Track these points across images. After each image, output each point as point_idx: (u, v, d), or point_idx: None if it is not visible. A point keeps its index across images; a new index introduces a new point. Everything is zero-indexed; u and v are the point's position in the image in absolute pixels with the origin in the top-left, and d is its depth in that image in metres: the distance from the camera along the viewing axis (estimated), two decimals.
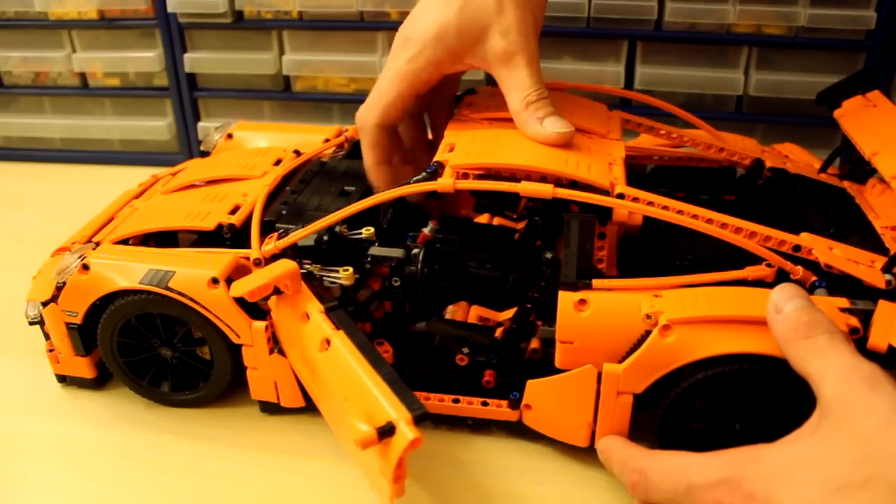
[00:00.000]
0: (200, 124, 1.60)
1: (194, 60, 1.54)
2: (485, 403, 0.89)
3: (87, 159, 1.68)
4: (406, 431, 0.68)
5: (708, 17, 1.35)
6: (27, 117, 1.67)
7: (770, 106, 1.40)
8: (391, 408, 0.70)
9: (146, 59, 1.55)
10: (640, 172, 1.09)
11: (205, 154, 1.23)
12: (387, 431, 0.69)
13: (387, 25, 1.47)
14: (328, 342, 0.79)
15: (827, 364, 0.66)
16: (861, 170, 0.98)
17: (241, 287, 0.83)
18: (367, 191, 0.98)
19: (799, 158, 1.08)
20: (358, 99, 1.50)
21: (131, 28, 1.55)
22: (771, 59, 1.37)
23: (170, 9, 1.48)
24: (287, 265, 0.84)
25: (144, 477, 0.88)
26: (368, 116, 0.97)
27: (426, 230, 0.91)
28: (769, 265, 0.80)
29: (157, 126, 1.61)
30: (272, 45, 1.52)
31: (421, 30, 0.91)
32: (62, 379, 1.00)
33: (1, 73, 1.64)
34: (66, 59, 1.57)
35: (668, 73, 1.39)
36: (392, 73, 0.93)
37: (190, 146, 1.62)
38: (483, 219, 1.03)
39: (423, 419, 0.70)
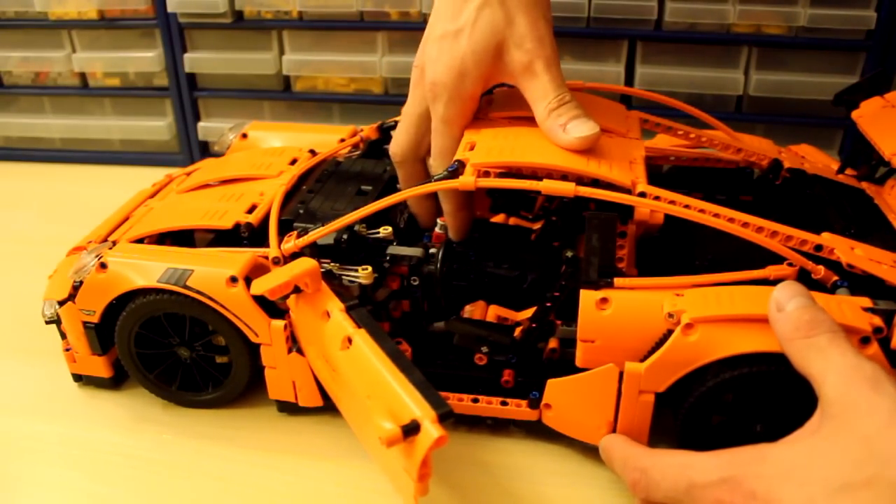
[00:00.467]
0: (200, 124, 1.60)
1: (194, 60, 1.53)
2: (504, 403, 0.89)
3: (87, 159, 1.68)
4: (431, 429, 0.68)
5: (708, 17, 1.36)
6: (27, 117, 1.67)
7: (770, 106, 1.41)
8: (416, 406, 0.70)
9: (146, 59, 1.55)
10: (657, 172, 1.09)
11: (217, 154, 1.23)
12: (412, 429, 0.69)
13: (387, 25, 1.47)
14: (350, 341, 0.79)
15: (828, 364, 0.67)
16: (879, 171, 0.98)
17: (262, 285, 0.83)
18: (384, 190, 0.98)
19: (815, 159, 1.09)
20: (358, 99, 1.52)
21: (131, 28, 1.54)
22: (771, 59, 1.38)
23: (170, 9, 1.48)
24: (307, 263, 0.84)
25: (162, 479, 0.88)
26: (444, 167, 0.95)
27: (437, 229, 0.91)
28: (791, 264, 0.80)
29: (157, 126, 1.61)
30: (272, 45, 1.52)
31: (442, 73, 0.88)
32: (78, 378, 1.00)
33: (1, 73, 1.64)
34: (66, 59, 1.57)
35: (668, 73, 1.40)
36: (439, 124, 0.91)
37: (190, 146, 1.62)
38: (498, 219, 1.03)
39: (447, 417, 0.70)
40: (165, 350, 0.94)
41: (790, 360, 0.70)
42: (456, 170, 0.84)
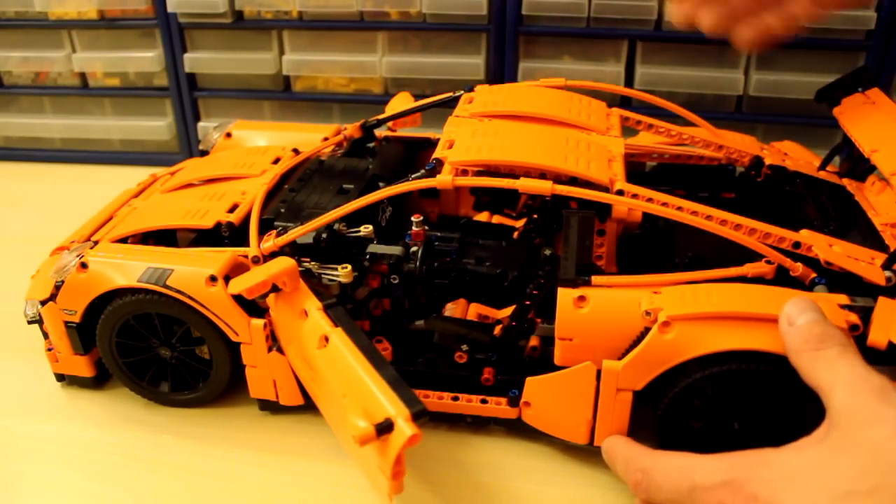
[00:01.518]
0: (200, 124, 1.60)
1: (194, 60, 1.54)
2: (484, 401, 0.89)
3: (87, 159, 1.68)
4: (404, 428, 0.68)
5: None
6: (27, 117, 1.67)
7: (770, 106, 1.40)
8: (389, 404, 0.70)
9: (146, 59, 1.55)
10: (640, 170, 1.09)
11: (203, 153, 1.23)
12: (385, 428, 0.69)
13: (387, 25, 1.47)
14: (326, 339, 0.79)
15: (837, 375, 0.66)
16: (860, 167, 0.98)
17: (240, 284, 0.83)
18: (366, 189, 0.97)
19: (798, 156, 1.08)
20: (358, 99, 1.52)
21: (131, 28, 1.55)
22: (771, 59, 1.37)
23: (170, 9, 1.48)
24: (285, 262, 0.83)
25: (143, 476, 0.88)
26: None
27: (414, 226, 0.91)
28: (769, 262, 0.80)
29: (157, 126, 1.62)
30: (272, 45, 1.52)
31: None
32: (61, 378, 1.00)
33: (1, 73, 1.64)
34: (66, 59, 1.57)
35: (668, 73, 1.39)
36: None
37: (190, 146, 1.62)
38: (483, 217, 1.03)
39: (421, 415, 0.69)
40: (147, 350, 0.94)
41: (799, 372, 0.69)
42: (434, 168, 0.84)
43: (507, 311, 0.89)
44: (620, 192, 0.81)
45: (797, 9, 0.85)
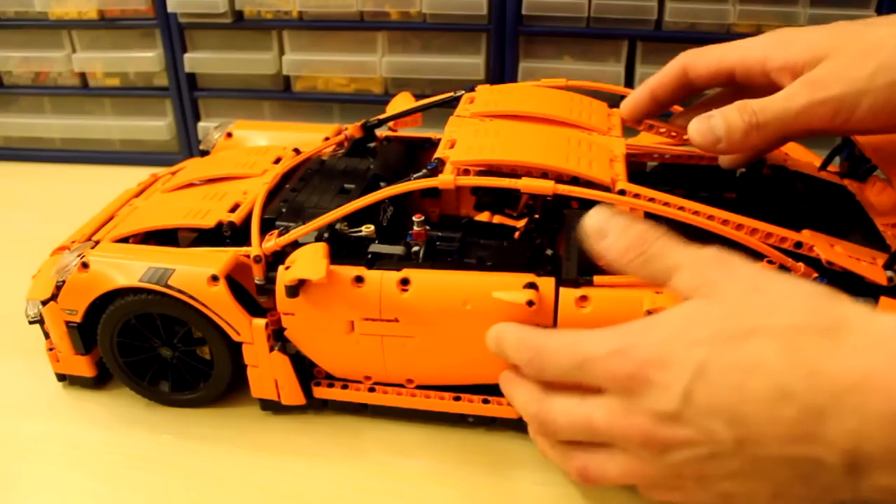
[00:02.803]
0: (200, 124, 1.60)
1: (194, 60, 1.54)
2: (486, 401, 0.89)
3: (87, 159, 1.68)
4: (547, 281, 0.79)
5: (708, 17, 1.35)
6: (27, 117, 1.67)
7: None
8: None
9: (146, 59, 1.55)
10: (640, 170, 1.09)
11: (204, 153, 1.23)
12: (532, 285, 0.79)
13: (387, 25, 1.47)
14: (404, 281, 0.82)
15: (672, 264, 0.69)
16: (861, 167, 0.98)
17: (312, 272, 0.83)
18: (367, 189, 0.97)
19: (799, 156, 1.08)
20: (358, 99, 1.52)
21: (131, 28, 1.55)
22: None
23: (170, 9, 1.49)
24: (321, 245, 0.85)
25: (145, 477, 0.88)
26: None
27: (416, 226, 0.91)
28: (770, 262, 0.80)
29: (157, 126, 1.62)
30: (272, 45, 1.52)
31: None
32: (62, 378, 1.00)
33: (1, 73, 1.65)
34: (66, 59, 1.58)
35: None
36: None
37: (190, 146, 1.62)
38: (484, 217, 1.02)
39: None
40: (148, 350, 0.94)
41: (639, 278, 0.72)
42: (436, 168, 0.84)
43: None
44: (622, 192, 0.81)
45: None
